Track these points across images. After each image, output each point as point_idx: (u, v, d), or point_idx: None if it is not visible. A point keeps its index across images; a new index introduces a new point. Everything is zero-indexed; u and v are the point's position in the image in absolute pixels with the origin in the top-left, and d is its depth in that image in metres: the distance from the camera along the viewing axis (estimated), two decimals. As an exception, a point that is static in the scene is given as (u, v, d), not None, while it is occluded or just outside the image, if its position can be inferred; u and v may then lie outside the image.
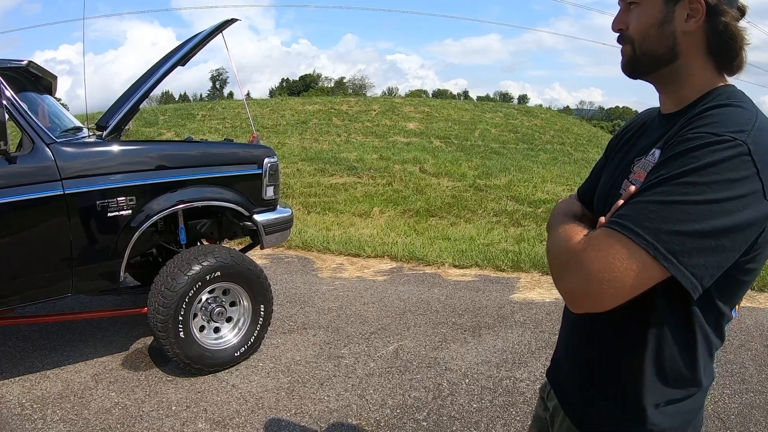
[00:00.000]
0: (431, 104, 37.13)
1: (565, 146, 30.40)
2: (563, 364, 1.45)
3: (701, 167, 0.99)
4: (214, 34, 4.29)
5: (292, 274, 6.29)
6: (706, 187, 0.98)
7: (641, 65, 1.24)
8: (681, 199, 0.99)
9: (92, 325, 4.61)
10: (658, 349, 1.18)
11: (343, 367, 4.02)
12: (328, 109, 32.13)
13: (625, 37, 1.24)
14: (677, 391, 1.22)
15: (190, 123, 28.03)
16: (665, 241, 0.99)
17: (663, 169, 1.05)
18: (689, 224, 0.98)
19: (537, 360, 4.22)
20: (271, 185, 4.25)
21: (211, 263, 3.74)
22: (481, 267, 6.74)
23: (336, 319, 4.92)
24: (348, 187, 12.44)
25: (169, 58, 4.29)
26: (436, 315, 5.09)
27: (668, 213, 0.99)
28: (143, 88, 4.01)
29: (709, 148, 1.00)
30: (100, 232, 3.58)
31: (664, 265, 0.99)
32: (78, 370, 3.88)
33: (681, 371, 1.20)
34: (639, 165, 1.24)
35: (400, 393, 3.67)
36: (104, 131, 3.89)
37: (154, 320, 3.63)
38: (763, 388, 3.92)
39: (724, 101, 1.12)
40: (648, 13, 1.19)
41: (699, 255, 0.99)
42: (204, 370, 3.81)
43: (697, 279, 1.00)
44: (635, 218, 1.02)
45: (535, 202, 11.30)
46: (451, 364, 4.09)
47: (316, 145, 22.23)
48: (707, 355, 1.21)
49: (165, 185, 3.78)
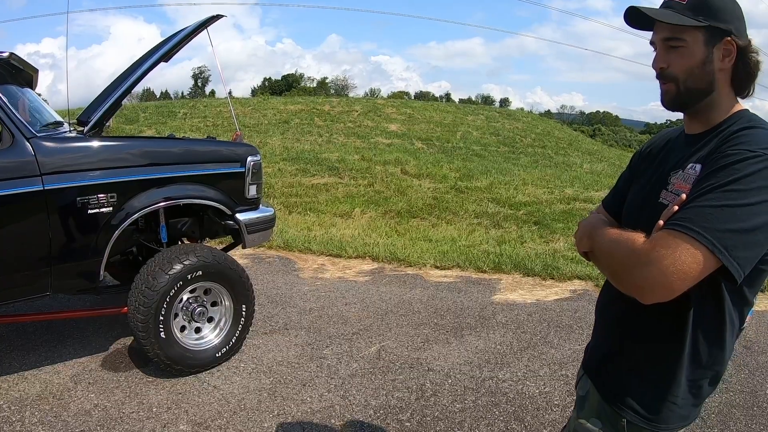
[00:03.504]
0: (413, 106, 37.26)
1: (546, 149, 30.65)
2: (600, 353, 1.65)
3: (743, 177, 1.21)
4: (199, 30, 4.25)
5: (274, 275, 6.26)
6: (748, 192, 1.20)
7: (685, 101, 1.43)
8: (730, 203, 1.20)
9: (71, 325, 4.53)
10: (694, 334, 1.39)
11: (326, 367, 4.00)
12: (310, 109, 32.09)
13: (668, 76, 1.42)
14: (707, 372, 1.44)
15: (171, 121, 27.84)
16: (720, 238, 1.19)
17: (711, 179, 1.26)
18: (737, 223, 1.19)
19: (519, 360, 4.23)
20: (254, 184, 4.22)
21: (193, 262, 3.69)
22: (462, 268, 6.76)
23: (318, 320, 4.90)
24: (329, 187, 12.40)
25: (152, 54, 4.23)
26: (418, 316, 5.10)
27: (721, 215, 1.20)
28: (126, 84, 3.94)
29: (748, 161, 1.23)
30: (80, 230, 3.52)
31: (719, 258, 1.19)
32: (57, 371, 3.82)
33: (712, 352, 1.41)
34: (677, 177, 1.42)
35: (383, 393, 3.66)
36: (85, 126, 3.83)
37: (134, 320, 3.58)
38: (743, 387, 3.99)
39: (749, 124, 1.34)
40: (692, 54, 1.37)
41: (744, 248, 1.21)
42: (185, 370, 3.77)
43: (741, 268, 1.21)
44: (694, 220, 1.22)
45: (516, 204, 11.35)
46: (433, 365, 4.09)
47: (297, 145, 22.12)
48: (732, 337, 1.43)
49: (146, 182, 3.72)
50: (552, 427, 3.36)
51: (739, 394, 3.89)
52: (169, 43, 4.25)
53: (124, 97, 4.01)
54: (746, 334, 5.07)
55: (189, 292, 3.82)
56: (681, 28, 1.37)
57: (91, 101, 4.42)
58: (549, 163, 24.91)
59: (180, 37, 4.21)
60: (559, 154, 29.97)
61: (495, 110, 44.93)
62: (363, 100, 40.49)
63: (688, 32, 1.36)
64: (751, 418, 3.59)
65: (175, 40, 4.23)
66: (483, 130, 32.27)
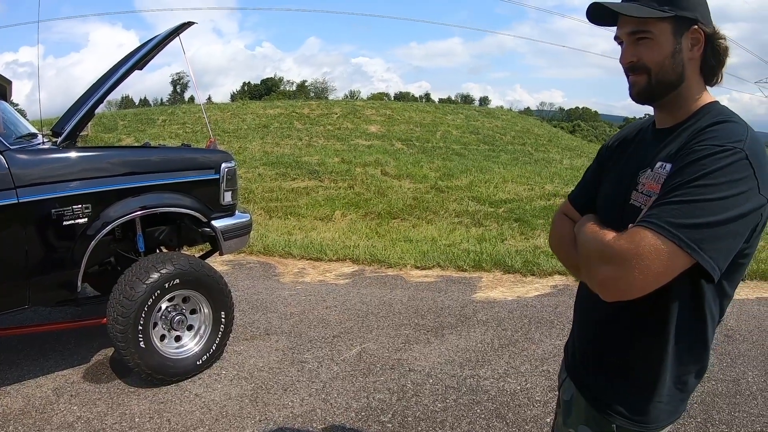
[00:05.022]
0: (393, 107, 37.30)
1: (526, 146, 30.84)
2: (582, 355, 1.62)
3: (711, 172, 1.20)
4: (171, 37, 4.22)
5: (254, 280, 6.25)
6: (716, 187, 1.19)
7: (656, 93, 1.41)
8: (698, 198, 1.19)
9: (52, 337, 4.49)
10: (677, 332, 1.37)
11: (307, 371, 4.00)
12: (290, 113, 32.02)
13: (639, 68, 1.40)
14: (691, 367, 1.44)
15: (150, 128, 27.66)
16: (688, 233, 1.18)
17: (678, 176, 1.25)
18: (706, 217, 1.18)
19: (500, 358, 4.27)
20: (229, 190, 4.21)
21: (170, 271, 3.68)
22: (443, 267, 6.79)
23: (298, 324, 4.90)
24: (309, 191, 12.39)
25: (124, 63, 4.20)
26: (399, 316, 5.12)
27: (688, 210, 1.19)
28: (98, 94, 3.91)
29: (716, 156, 1.21)
30: (56, 242, 3.50)
31: (689, 253, 1.18)
32: (39, 384, 3.78)
33: (696, 348, 1.41)
34: (646, 176, 1.41)
35: (364, 396, 3.67)
36: (59, 137, 3.81)
37: (114, 330, 3.56)
38: (725, 376, 4.06)
39: (718, 118, 1.33)
40: (662, 46, 1.36)
41: (715, 242, 1.19)
42: (166, 379, 3.75)
43: (715, 262, 1.20)
44: (660, 216, 1.21)
45: (497, 202, 11.41)
46: (414, 365, 4.11)
47: (277, 149, 22.08)
48: (713, 331, 1.42)
49: (121, 192, 3.70)
50: (534, 423, 3.38)
51: (722, 383, 3.95)
52: (141, 51, 4.22)
53: (97, 107, 3.98)
54: (727, 322, 5.16)
55: (167, 300, 3.80)
56: (647, 21, 1.35)
57: (65, 112, 4.39)
58: (529, 160, 25.08)
59: (151, 45, 4.19)
60: (538, 150, 30.17)
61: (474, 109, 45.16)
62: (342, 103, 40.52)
63: (655, 24, 1.35)
64: (734, 406, 3.65)
65: (146, 48, 4.20)
66: (463, 129, 32.39)
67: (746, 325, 5.13)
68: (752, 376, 4.09)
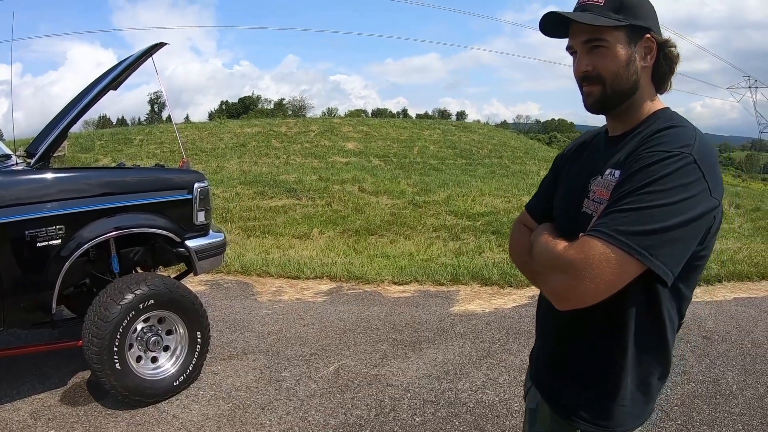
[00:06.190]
0: (370, 123, 37.35)
1: (503, 159, 31.02)
2: (544, 363, 1.64)
3: (658, 178, 1.21)
4: (143, 58, 4.22)
5: (231, 300, 6.21)
6: (664, 193, 1.20)
7: (611, 102, 1.42)
8: (647, 205, 1.20)
9: (29, 360, 4.42)
10: (636, 337, 1.37)
11: (284, 390, 3.99)
12: (267, 131, 31.96)
13: (594, 78, 1.40)
14: (653, 370, 1.43)
15: (127, 148, 27.45)
16: (638, 240, 1.19)
17: (626, 184, 1.26)
18: (655, 224, 1.19)
19: (478, 369, 4.28)
20: (202, 210, 4.21)
21: (144, 291, 3.66)
22: (420, 282, 6.81)
23: (276, 343, 4.88)
24: (287, 209, 12.38)
25: (97, 83, 4.20)
26: (376, 332, 5.12)
27: (637, 217, 1.20)
28: (71, 115, 3.91)
29: (663, 162, 1.23)
30: (30, 263, 3.48)
31: (639, 259, 1.19)
32: (16, 408, 3.72)
33: (656, 352, 1.42)
34: (597, 184, 1.43)
35: (342, 412, 3.66)
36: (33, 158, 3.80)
37: (89, 352, 3.53)
38: (704, 377, 4.12)
39: (667, 124, 1.34)
40: (616, 54, 1.37)
41: (666, 247, 1.20)
42: (143, 401, 3.72)
43: (667, 267, 1.21)
44: (609, 224, 1.22)
45: (474, 215, 11.49)
46: (392, 380, 4.11)
47: (255, 168, 22.02)
48: (673, 333, 1.43)
49: (94, 213, 3.69)
50: (512, 434, 3.41)
51: (702, 384, 4.02)
52: (113, 72, 4.21)
53: (70, 128, 3.97)
54: (706, 324, 5.24)
55: (142, 321, 3.78)
56: (602, 29, 1.36)
57: (39, 133, 4.38)
58: (506, 173, 25.23)
59: (124, 66, 4.19)
60: (515, 163, 30.34)
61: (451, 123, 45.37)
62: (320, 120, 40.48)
63: (610, 32, 1.36)
64: (715, 407, 3.70)
65: (119, 68, 4.20)
66: (440, 143, 32.54)
67: (724, 325, 5.22)
68: (732, 376, 4.17)
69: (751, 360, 4.50)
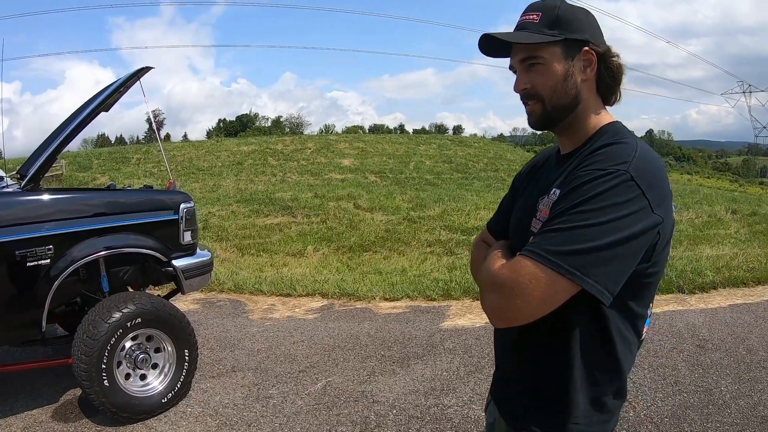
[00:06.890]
0: (366, 140, 37.57)
1: (499, 173, 31.17)
2: (500, 379, 1.64)
3: (591, 197, 1.20)
4: (130, 81, 4.31)
5: (223, 318, 6.24)
6: (596, 212, 1.19)
7: (552, 118, 1.42)
8: (578, 224, 1.19)
9: (22, 377, 4.45)
10: (582, 354, 1.35)
11: (271, 407, 4.01)
12: (264, 149, 32.13)
13: (533, 95, 1.41)
14: (606, 388, 1.40)
15: (125, 167, 27.62)
16: (568, 260, 1.18)
17: (561, 203, 1.26)
18: (587, 243, 1.18)
19: (465, 385, 4.31)
20: (188, 230, 4.27)
21: (132, 310, 3.72)
22: (411, 298, 6.83)
23: (265, 360, 4.91)
24: (282, 227, 12.41)
25: (87, 105, 4.28)
26: (365, 349, 5.14)
27: (569, 236, 1.19)
28: (61, 137, 3.99)
29: (597, 181, 1.22)
30: (19, 282, 3.56)
31: (570, 279, 1.18)
32: (8, 424, 3.76)
33: (606, 369, 1.39)
34: (542, 203, 1.42)
35: (327, 429, 3.69)
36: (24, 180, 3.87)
37: (78, 369, 3.58)
38: (697, 387, 4.12)
39: (610, 140, 1.34)
40: (553, 70, 1.37)
41: (600, 266, 1.18)
42: (132, 418, 3.76)
43: (602, 285, 1.19)
44: (540, 244, 1.22)
45: (469, 229, 11.50)
46: (378, 397, 4.14)
47: (251, 186, 22.14)
48: (627, 351, 1.40)
49: (83, 233, 3.78)
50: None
51: (694, 394, 4.02)
52: (102, 95, 4.29)
53: (61, 150, 4.05)
54: (700, 332, 5.25)
55: (131, 339, 3.83)
56: (537, 46, 1.35)
57: (30, 154, 4.45)
58: (502, 186, 25.28)
59: (112, 89, 4.27)
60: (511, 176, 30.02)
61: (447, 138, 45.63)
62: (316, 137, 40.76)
63: (545, 49, 1.35)
64: (706, 417, 3.70)
65: (107, 92, 4.28)
66: (436, 158, 32.71)
67: (719, 333, 5.23)
68: (725, 385, 4.17)
69: (745, 367, 4.50)
